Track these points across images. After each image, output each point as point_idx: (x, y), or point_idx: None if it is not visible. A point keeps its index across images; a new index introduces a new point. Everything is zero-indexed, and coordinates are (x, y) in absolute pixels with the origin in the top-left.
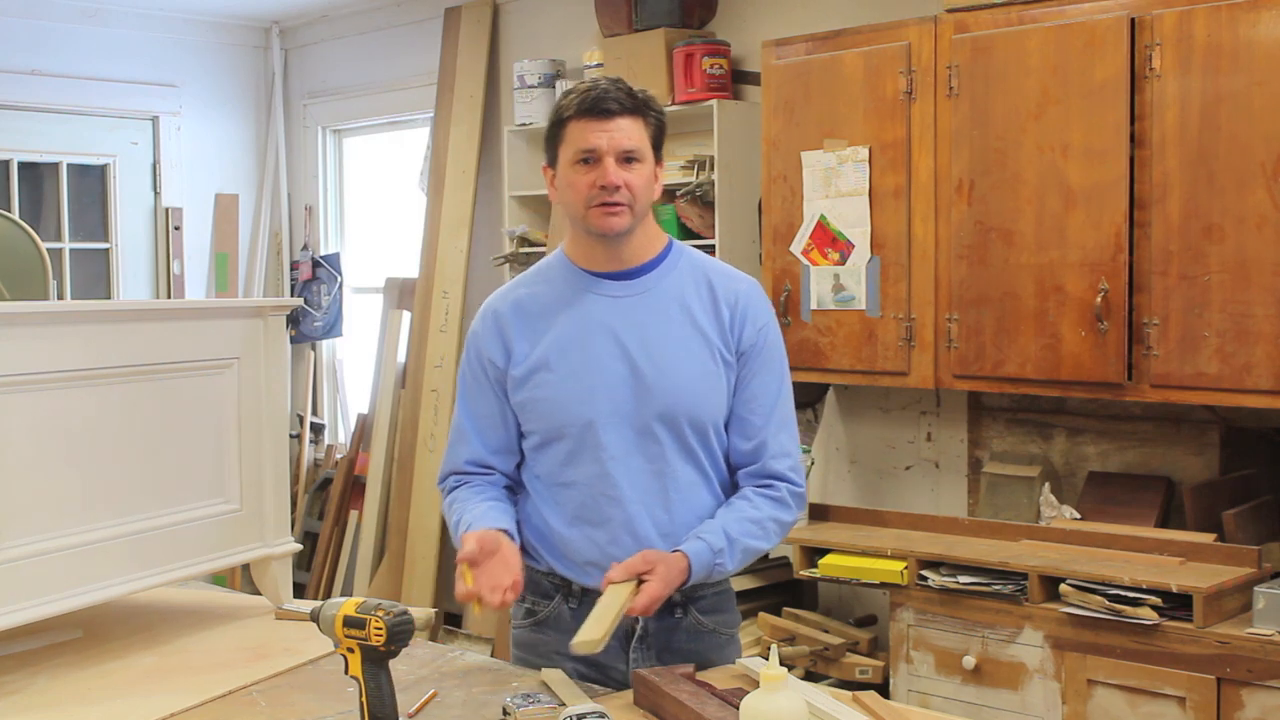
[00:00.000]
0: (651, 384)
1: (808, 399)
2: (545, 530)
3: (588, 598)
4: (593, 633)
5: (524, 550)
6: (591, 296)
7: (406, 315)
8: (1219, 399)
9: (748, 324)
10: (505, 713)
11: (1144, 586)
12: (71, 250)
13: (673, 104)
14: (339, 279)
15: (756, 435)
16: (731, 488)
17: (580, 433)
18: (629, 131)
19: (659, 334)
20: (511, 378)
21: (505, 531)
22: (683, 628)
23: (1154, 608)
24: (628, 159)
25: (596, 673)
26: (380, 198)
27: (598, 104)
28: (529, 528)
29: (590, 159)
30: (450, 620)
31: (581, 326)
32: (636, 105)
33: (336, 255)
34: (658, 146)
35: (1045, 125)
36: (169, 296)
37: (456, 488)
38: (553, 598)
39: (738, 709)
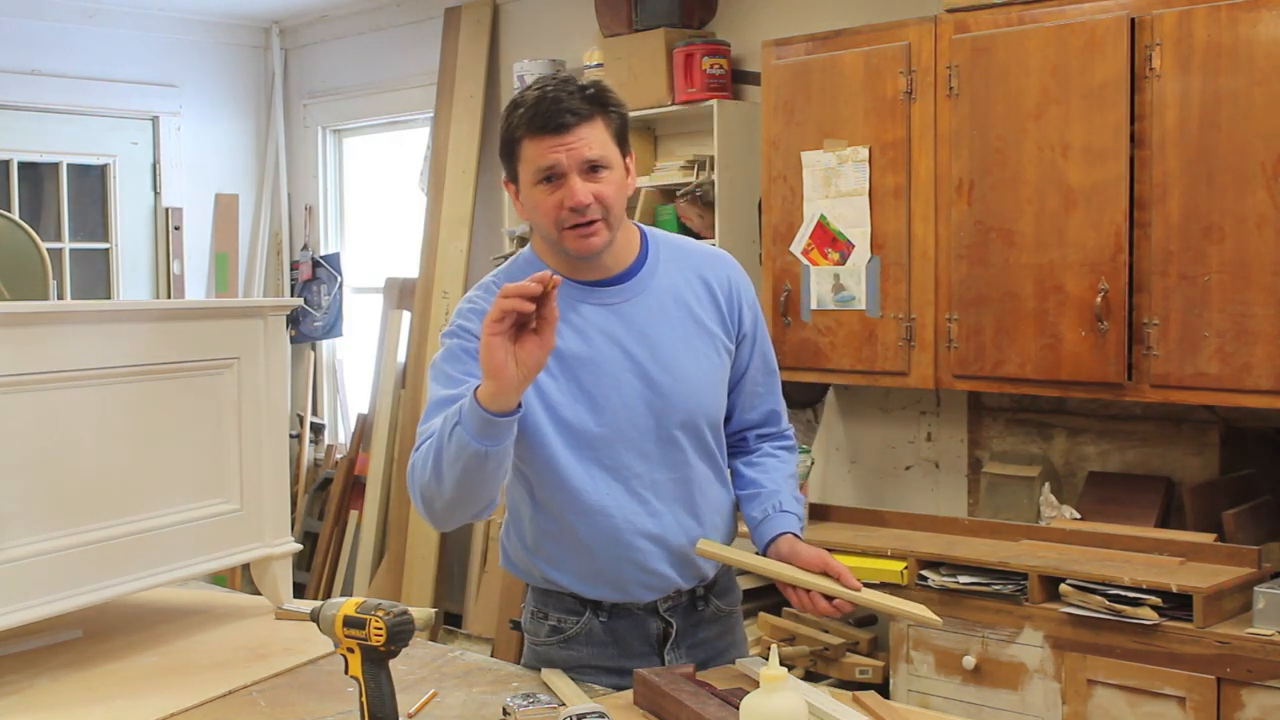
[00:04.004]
0: (669, 393)
1: (808, 399)
2: (569, 555)
3: (619, 611)
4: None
5: (544, 571)
6: (586, 306)
7: (406, 315)
8: (1219, 399)
9: (744, 307)
10: (505, 713)
11: (1144, 586)
12: (71, 250)
13: (673, 104)
14: (339, 279)
15: (763, 404)
16: (730, 450)
17: (599, 455)
18: (590, 140)
19: (666, 338)
20: None
21: None
22: (705, 617)
23: (1154, 608)
24: (593, 168)
25: (630, 683)
26: (380, 198)
27: (551, 119)
28: (547, 552)
29: (553, 176)
30: (450, 620)
31: (583, 339)
32: (593, 108)
33: (336, 255)
34: (623, 141)
35: (1045, 125)
36: (169, 296)
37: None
38: (581, 614)
39: (738, 709)
